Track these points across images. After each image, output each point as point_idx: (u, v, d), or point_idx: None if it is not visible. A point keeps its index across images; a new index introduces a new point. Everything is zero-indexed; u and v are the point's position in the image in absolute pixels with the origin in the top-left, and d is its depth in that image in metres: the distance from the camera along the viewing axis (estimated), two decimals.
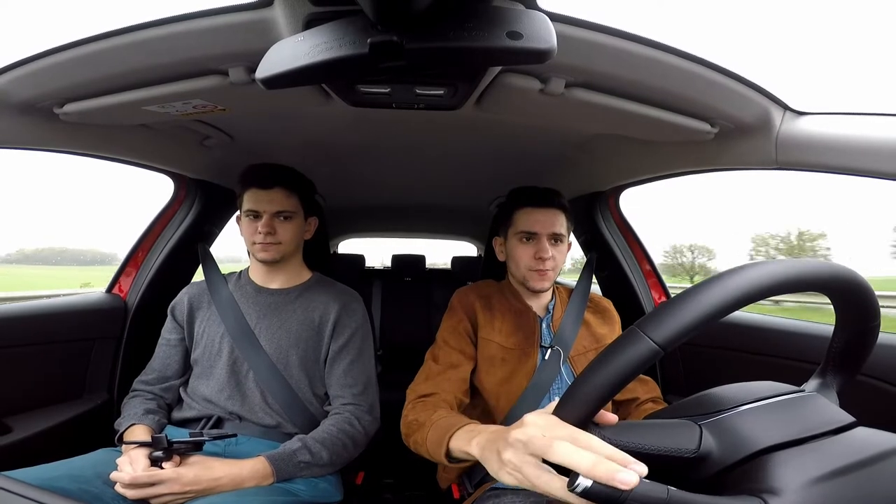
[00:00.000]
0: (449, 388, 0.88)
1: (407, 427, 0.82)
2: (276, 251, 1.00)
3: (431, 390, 0.87)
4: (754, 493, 0.37)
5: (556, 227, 0.96)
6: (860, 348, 0.49)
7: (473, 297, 1.01)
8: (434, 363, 0.94)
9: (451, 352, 0.94)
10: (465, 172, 1.50)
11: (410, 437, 0.80)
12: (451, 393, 0.88)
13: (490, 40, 0.42)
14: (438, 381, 0.89)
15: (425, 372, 0.93)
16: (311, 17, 0.53)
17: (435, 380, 0.90)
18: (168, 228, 1.37)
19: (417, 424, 0.79)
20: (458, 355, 0.94)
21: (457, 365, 0.92)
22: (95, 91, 0.74)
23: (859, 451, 0.39)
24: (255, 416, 0.95)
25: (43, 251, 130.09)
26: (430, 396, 0.86)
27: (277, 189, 0.99)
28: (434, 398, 0.86)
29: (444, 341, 0.97)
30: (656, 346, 0.38)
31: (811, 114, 0.79)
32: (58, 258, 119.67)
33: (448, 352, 0.95)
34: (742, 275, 0.39)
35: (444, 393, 0.87)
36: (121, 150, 1.03)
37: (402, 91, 0.73)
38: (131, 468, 0.76)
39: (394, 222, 2.53)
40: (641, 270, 1.43)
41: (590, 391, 0.40)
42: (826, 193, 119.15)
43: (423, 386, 0.89)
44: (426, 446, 0.73)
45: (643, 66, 0.67)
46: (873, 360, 0.51)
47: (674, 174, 1.12)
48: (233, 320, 1.00)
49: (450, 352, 0.94)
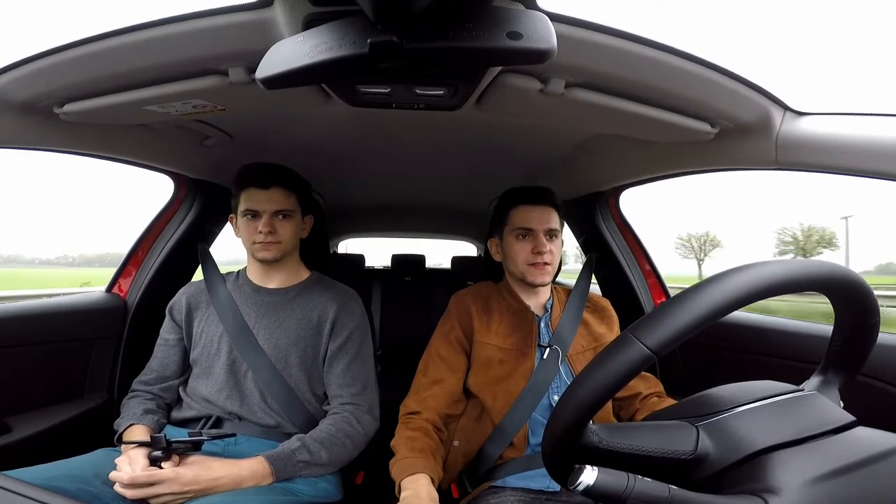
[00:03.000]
0: (433, 406, 0.94)
1: (393, 445, 0.89)
2: (277, 250, 1.00)
3: (417, 408, 0.94)
4: (755, 492, 0.37)
5: (552, 222, 0.98)
6: (860, 347, 0.49)
7: (470, 301, 1.02)
8: (423, 376, 0.98)
9: (439, 365, 0.98)
10: (465, 172, 1.50)
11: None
12: (435, 410, 0.93)
13: (490, 40, 0.42)
14: (424, 398, 0.95)
15: (415, 385, 0.99)
16: (310, 17, 0.53)
17: (421, 395, 0.95)
18: (168, 228, 1.37)
19: (396, 449, 0.87)
20: (444, 369, 0.97)
21: (442, 379, 0.96)
22: (95, 91, 0.74)
23: (859, 450, 0.39)
24: (255, 416, 0.95)
25: (104, 256, 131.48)
26: (415, 415, 0.93)
27: (276, 188, 0.99)
28: (418, 418, 0.92)
29: (436, 351, 1.00)
30: (649, 351, 0.38)
31: (811, 114, 0.79)
32: (116, 261, 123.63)
33: (436, 365, 0.98)
34: (737, 276, 0.39)
35: (428, 412, 0.93)
36: (121, 149, 1.03)
37: (402, 91, 0.73)
38: (130, 468, 0.76)
39: (394, 222, 2.53)
40: (641, 270, 1.43)
41: (586, 395, 0.40)
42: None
43: (411, 402, 0.96)
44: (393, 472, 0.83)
45: (643, 66, 0.66)
46: (873, 360, 0.51)
47: (674, 174, 1.12)
48: (231, 320, 1.00)
49: (438, 365, 0.98)
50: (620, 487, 0.37)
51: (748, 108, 0.77)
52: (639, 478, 0.38)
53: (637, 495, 0.36)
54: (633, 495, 0.36)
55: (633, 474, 0.38)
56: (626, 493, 0.37)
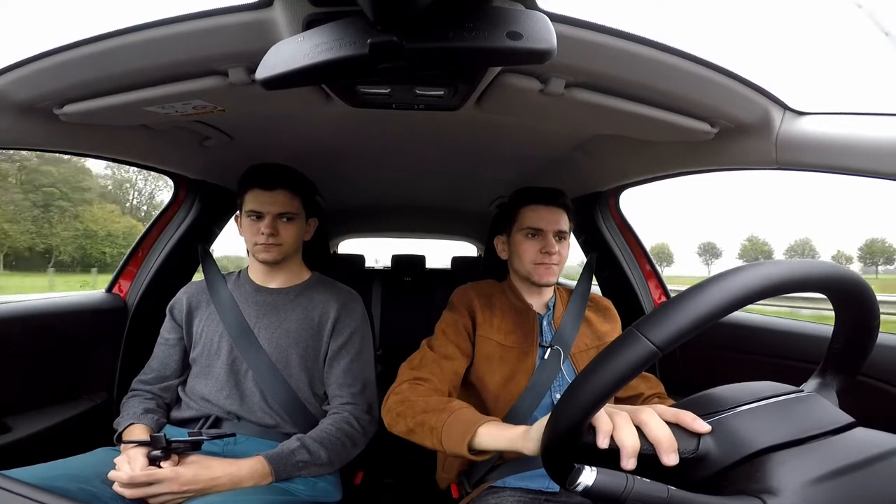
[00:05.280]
0: (442, 378, 0.89)
1: (402, 404, 0.81)
2: (278, 252, 1.00)
3: (427, 375, 0.88)
4: (753, 493, 0.37)
5: (561, 224, 0.98)
6: (859, 348, 0.49)
7: (473, 295, 1.02)
8: (429, 350, 0.94)
9: (447, 343, 0.95)
10: (465, 172, 1.50)
11: (407, 416, 0.79)
12: (445, 382, 0.89)
13: (490, 40, 0.42)
14: (433, 369, 0.90)
15: (420, 356, 0.93)
16: (310, 17, 0.53)
17: (430, 366, 0.90)
18: (168, 228, 1.37)
19: (423, 406, 0.78)
20: (453, 348, 0.94)
21: (451, 357, 0.93)
22: (95, 91, 0.74)
23: (858, 451, 0.39)
24: (254, 416, 0.95)
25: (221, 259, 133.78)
26: (426, 381, 0.87)
27: (281, 190, 0.99)
28: (429, 384, 0.86)
29: (443, 332, 0.97)
30: (654, 347, 0.38)
31: (811, 114, 0.79)
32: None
33: (444, 342, 0.95)
34: (741, 275, 0.39)
35: (439, 381, 0.88)
36: (121, 150, 1.03)
37: (402, 91, 0.73)
38: (129, 467, 0.76)
39: (394, 222, 2.53)
40: (641, 271, 1.43)
41: (588, 392, 0.40)
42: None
43: (420, 369, 0.89)
44: (440, 431, 0.73)
45: (643, 66, 0.66)
46: (873, 360, 0.51)
47: (674, 174, 1.12)
48: (232, 319, 1.00)
49: (446, 343, 0.95)
50: (619, 488, 0.37)
51: (748, 108, 0.77)
52: (638, 478, 0.38)
53: (636, 496, 0.36)
54: (632, 496, 0.36)
55: (632, 475, 0.38)
56: (625, 494, 0.37)
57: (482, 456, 0.70)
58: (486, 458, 0.72)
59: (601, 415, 0.45)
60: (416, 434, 0.77)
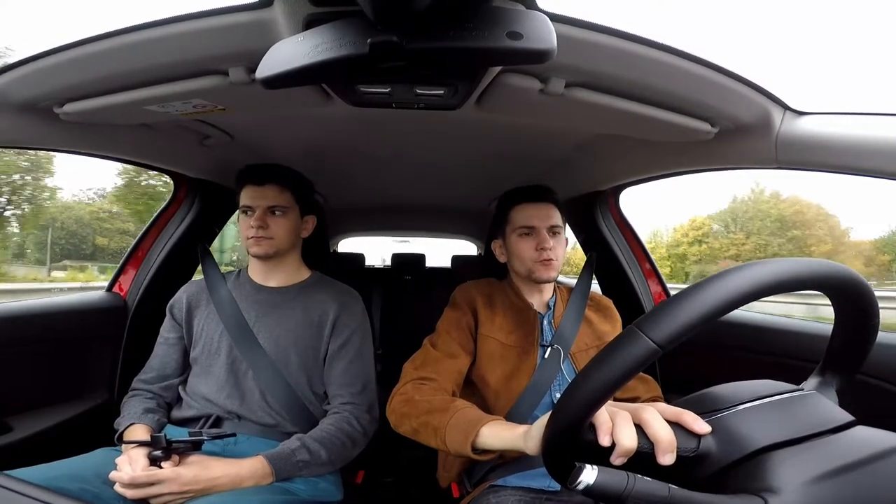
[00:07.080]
0: (447, 377, 0.89)
1: (406, 405, 0.81)
2: (269, 245, 1.00)
3: (431, 374, 0.88)
4: (754, 491, 0.37)
5: (553, 219, 0.99)
6: (859, 347, 0.49)
7: (475, 293, 1.02)
8: (432, 349, 0.94)
9: (450, 341, 0.95)
10: (465, 172, 1.50)
11: (411, 416, 0.79)
12: (448, 381, 0.89)
13: (490, 40, 0.42)
14: (437, 368, 0.90)
15: (423, 355, 0.93)
16: (310, 17, 0.53)
17: (433, 365, 0.90)
18: (168, 227, 1.37)
19: (427, 407, 0.78)
20: (456, 346, 0.94)
21: (455, 355, 0.93)
22: (96, 91, 0.74)
23: (858, 450, 0.39)
24: (255, 416, 0.95)
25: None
26: (430, 380, 0.87)
27: (270, 185, 1.01)
28: (433, 383, 0.86)
29: (445, 330, 0.97)
30: (655, 345, 0.38)
31: (811, 114, 0.79)
32: None
33: (447, 341, 0.95)
34: (742, 273, 0.39)
35: (443, 381, 0.88)
36: (121, 149, 1.03)
37: (402, 91, 0.73)
38: (130, 468, 0.76)
39: (394, 221, 2.53)
40: (641, 270, 1.43)
41: (589, 390, 0.40)
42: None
43: (423, 368, 0.89)
44: (443, 431, 0.73)
45: (643, 66, 0.67)
46: (873, 359, 0.51)
47: (674, 173, 1.12)
48: (231, 318, 1.00)
49: (449, 341, 0.95)
50: (620, 486, 0.37)
51: (748, 108, 0.77)
52: (639, 477, 0.38)
53: (637, 494, 0.36)
54: (633, 494, 0.36)
55: (633, 473, 0.38)
56: (626, 493, 0.37)
57: (486, 456, 0.70)
58: (489, 458, 0.72)
59: (602, 413, 0.45)
60: (421, 434, 0.77)
